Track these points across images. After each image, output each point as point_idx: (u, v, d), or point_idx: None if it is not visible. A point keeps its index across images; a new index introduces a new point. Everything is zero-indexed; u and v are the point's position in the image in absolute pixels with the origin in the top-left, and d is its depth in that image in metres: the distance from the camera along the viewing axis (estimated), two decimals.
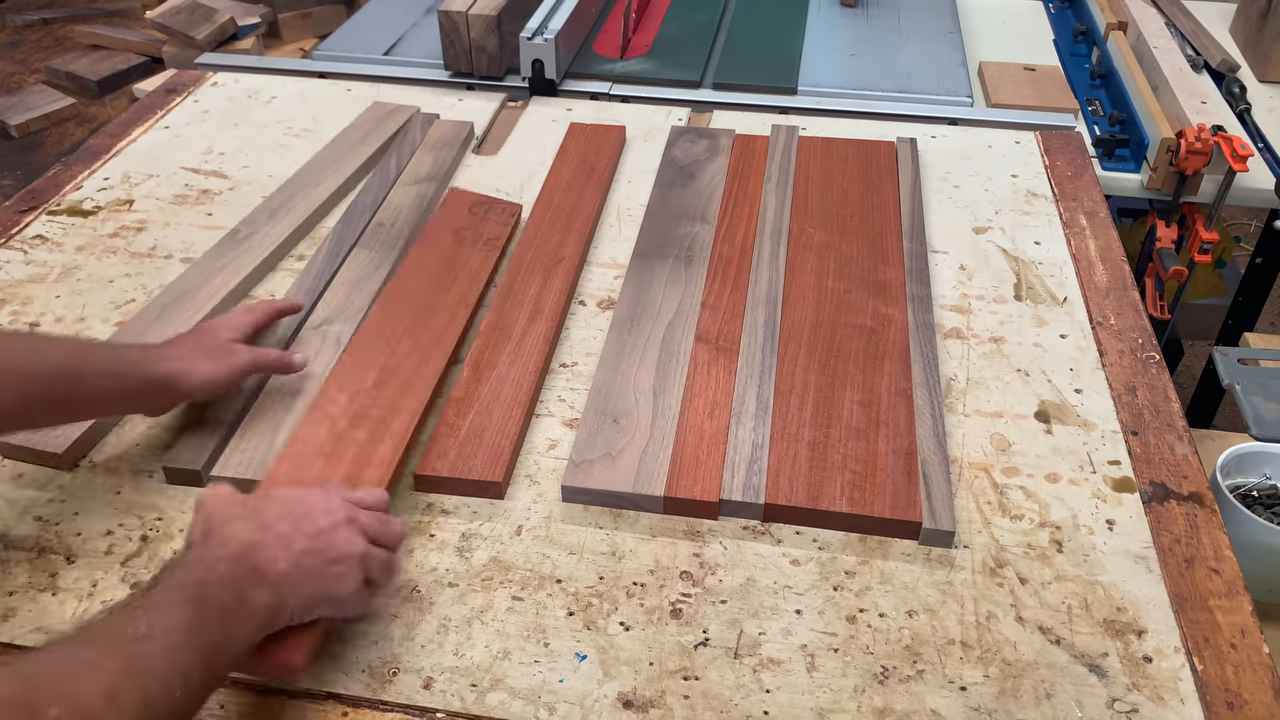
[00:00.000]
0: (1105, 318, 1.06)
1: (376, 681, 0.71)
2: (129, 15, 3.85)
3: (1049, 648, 0.74)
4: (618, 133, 1.36)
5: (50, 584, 0.78)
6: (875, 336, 1.00)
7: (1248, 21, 1.74)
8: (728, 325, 1.02)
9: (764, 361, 0.97)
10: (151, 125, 1.42)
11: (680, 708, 0.70)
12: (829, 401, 0.92)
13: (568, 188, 1.24)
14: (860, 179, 1.26)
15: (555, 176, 1.26)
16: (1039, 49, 1.74)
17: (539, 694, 0.71)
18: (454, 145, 1.32)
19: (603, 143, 1.34)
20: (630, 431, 0.89)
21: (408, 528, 0.82)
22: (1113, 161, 1.46)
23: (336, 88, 1.52)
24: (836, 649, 0.74)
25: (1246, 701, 0.71)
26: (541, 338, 1.00)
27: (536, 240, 1.14)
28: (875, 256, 1.12)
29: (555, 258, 1.11)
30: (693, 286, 1.07)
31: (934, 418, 0.91)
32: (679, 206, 1.21)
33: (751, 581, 0.79)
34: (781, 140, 1.34)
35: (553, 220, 1.17)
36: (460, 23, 1.50)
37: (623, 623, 0.76)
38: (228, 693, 0.71)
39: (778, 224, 1.17)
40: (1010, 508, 0.85)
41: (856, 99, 1.52)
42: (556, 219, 1.18)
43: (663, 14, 1.77)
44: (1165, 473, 0.89)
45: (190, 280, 1.07)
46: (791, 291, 1.07)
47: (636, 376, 0.95)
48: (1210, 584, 0.79)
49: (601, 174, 1.27)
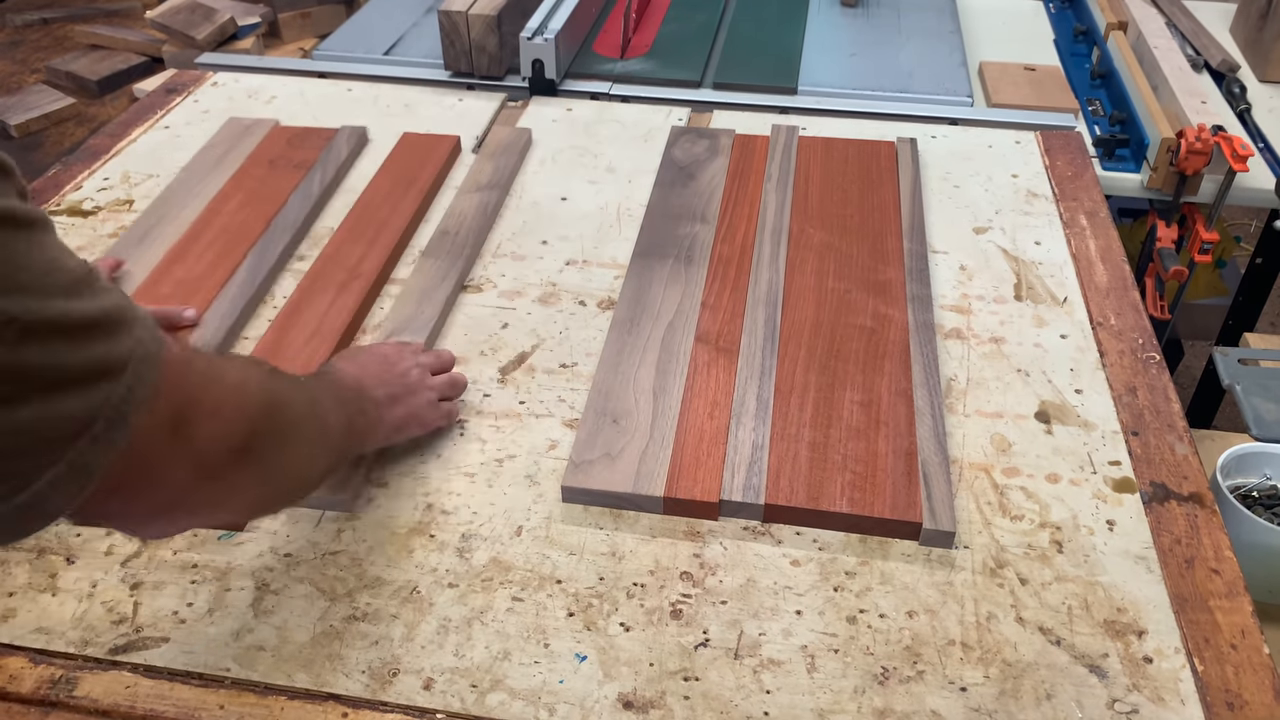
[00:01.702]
0: (1105, 318, 1.06)
1: (376, 682, 0.71)
2: (129, 15, 3.85)
3: (1049, 648, 0.74)
4: (448, 143, 1.32)
5: (50, 584, 0.79)
6: (875, 337, 1.00)
7: (1248, 21, 1.74)
8: (728, 325, 1.02)
9: (764, 362, 0.97)
10: (151, 125, 1.42)
11: (680, 708, 0.70)
12: (829, 402, 0.92)
13: (384, 199, 1.20)
14: (860, 179, 1.26)
15: (374, 187, 1.22)
16: (1039, 49, 1.74)
17: (539, 695, 0.71)
18: (513, 152, 1.31)
19: (430, 152, 1.29)
20: (630, 432, 0.89)
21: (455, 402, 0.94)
22: (1113, 161, 1.46)
23: (336, 88, 1.52)
24: (837, 650, 0.74)
25: (1247, 702, 0.71)
26: (316, 361, 0.95)
27: (338, 255, 1.11)
28: (875, 256, 1.12)
29: (352, 274, 1.07)
30: (693, 286, 1.07)
31: (934, 418, 0.91)
32: (679, 206, 1.21)
33: (752, 582, 0.79)
34: (781, 140, 1.34)
35: (360, 232, 1.14)
36: (460, 23, 1.49)
37: (623, 623, 0.76)
38: (228, 693, 0.71)
39: (778, 224, 1.17)
40: (1010, 508, 0.85)
41: (856, 99, 1.51)
42: (365, 230, 1.14)
43: (663, 14, 1.77)
44: (1165, 473, 0.88)
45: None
46: (791, 292, 1.07)
47: (636, 377, 0.95)
48: (1210, 584, 0.79)
49: (422, 186, 1.23)
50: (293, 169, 1.24)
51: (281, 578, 0.79)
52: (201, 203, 1.19)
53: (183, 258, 1.10)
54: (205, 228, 1.14)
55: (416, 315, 1.03)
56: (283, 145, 1.30)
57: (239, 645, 0.74)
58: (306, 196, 1.20)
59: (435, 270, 1.09)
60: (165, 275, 1.08)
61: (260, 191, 1.21)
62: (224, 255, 1.10)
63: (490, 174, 1.27)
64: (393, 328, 1.01)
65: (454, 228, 1.16)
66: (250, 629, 0.75)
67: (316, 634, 0.75)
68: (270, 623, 0.76)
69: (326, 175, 1.24)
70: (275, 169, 1.24)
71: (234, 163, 1.27)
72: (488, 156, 1.30)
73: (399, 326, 1.01)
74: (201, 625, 0.75)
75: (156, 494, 0.54)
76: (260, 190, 1.21)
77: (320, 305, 1.03)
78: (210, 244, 1.12)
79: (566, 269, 1.13)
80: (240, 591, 0.78)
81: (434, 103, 1.48)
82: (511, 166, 1.29)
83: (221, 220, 1.16)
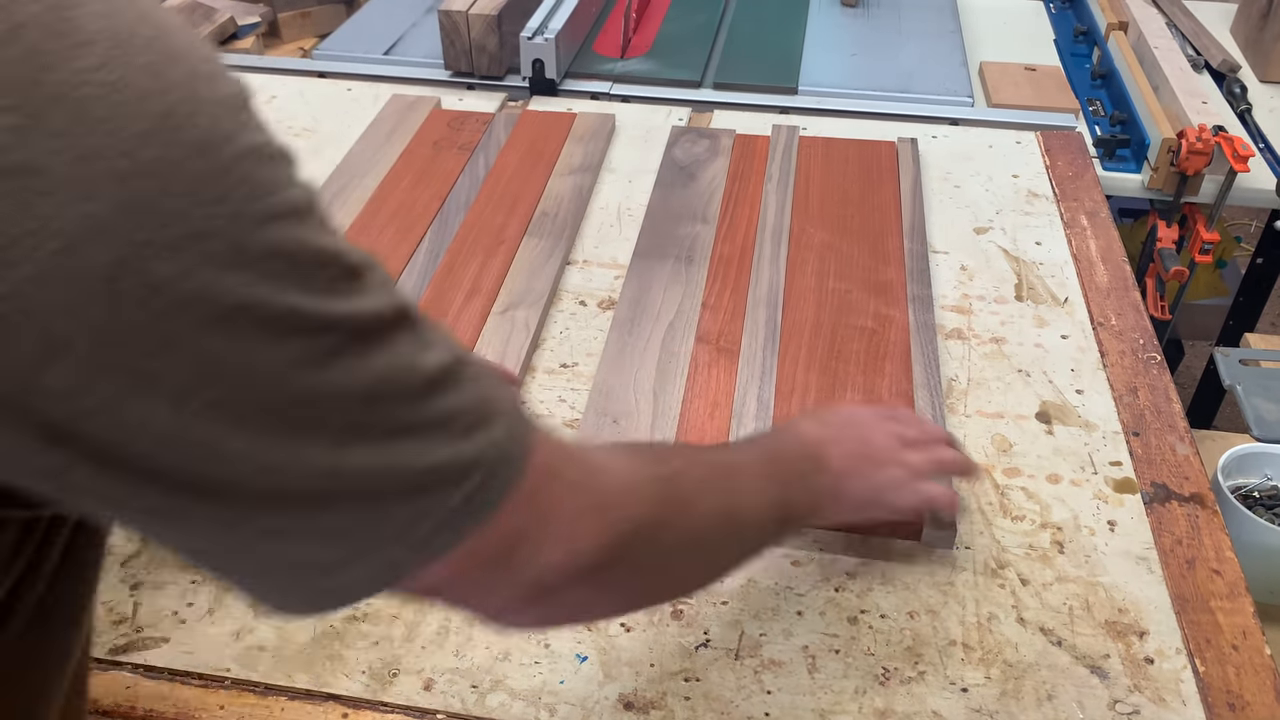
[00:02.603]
0: (1106, 318, 1.06)
1: (377, 682, 0.71)
2: None
3: (1050, 649, 0.74)
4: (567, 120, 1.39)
5: None
6: (876, 337, 1.00)
7: (1248, 22, 1.74)
8: (728, 326, 1.02)
9: (764, 362, 0.97)
10: None
11: (681, 709, 0.70)
12: (830, 403, 0.92)
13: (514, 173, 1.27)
14: (861, 179, 1.26)
15: (503, 161, 1.30)
16: (1039, 49, 1.74)
17: (539, 695, 0.71)
18: (600, 137, 1.36)
19: (551, 129, 1.37)
20: (630, 432, 0.89)
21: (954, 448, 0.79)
22: (1113, 161, 1.45)
23: (336, 87, 1.52)
24: (838, 650, 0.74)
25: (1248, 703, 0.71)
26: (477, 316, 1.02)
27: (479, 221, 1.18)
28: (876, 257, 1.12)
29: (497, 239, 1.14)
30: (693, 287, 1.07)
31: (935, 418, 0.90)
32: (679, 207, 1.21)
33: (752, 582, 0.79)
34: (782, 141, 1.33)
35: (498, 203, 1.21)
36: (460, 22, 1.49)
37: (623, 624, 0.75)
38: (228, 693, 0.71)
39: (778, 224, 1.17)
40: (1011, 508, 0.85)
41: (857, 99, 1.51)
42: (502, 202, 1.21)
43: (663, 14, 1.77)
44: (1166, 473, 0.88)
45: None
46: (792, 292, 1.06)
47: (637, 377, 0.95)
48: (1212, 585, 0.79)
49: (549, 159, 1.30)
50: (457, 150, 1.32)
51: None
52: (375, 179, 1.26)
53: (366, 231, 1.16)
54: (382, 205, 1.21)
55: (528, 291, 1.07)
56: (444, 128, 1.37)
57: (239, 645, 0.74)
58: (474, 179, 1.27)
59: (541, 250, 1.14)
60: None
61: (430, 171, 1.28)
62: (405, 233, 1.16)
63: (583, 158, 1.32)
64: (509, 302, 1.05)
65: (553, 209, 1.21)
66: (250, 629, 0.75)
67: (317, 634, 0.75)
68: (270, 623, 0.75)
69: (490, 158, 1.31)
70: (440, 150, 1.32)
71: (400, 140, 1.34)
72: (576, 140, 1.35)
73: (514, 301, 1.05)
74: (201, 625, 0.75)
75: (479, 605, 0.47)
76: (429, 170, 1.28)
77: (473, 267, 1.10)
78: (390, 220, 1.18)
79: (566, 269, 1.13)
80: None
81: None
82: (600, 151, 1.34)
83: (398, 197, 1.22)
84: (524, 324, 1.02)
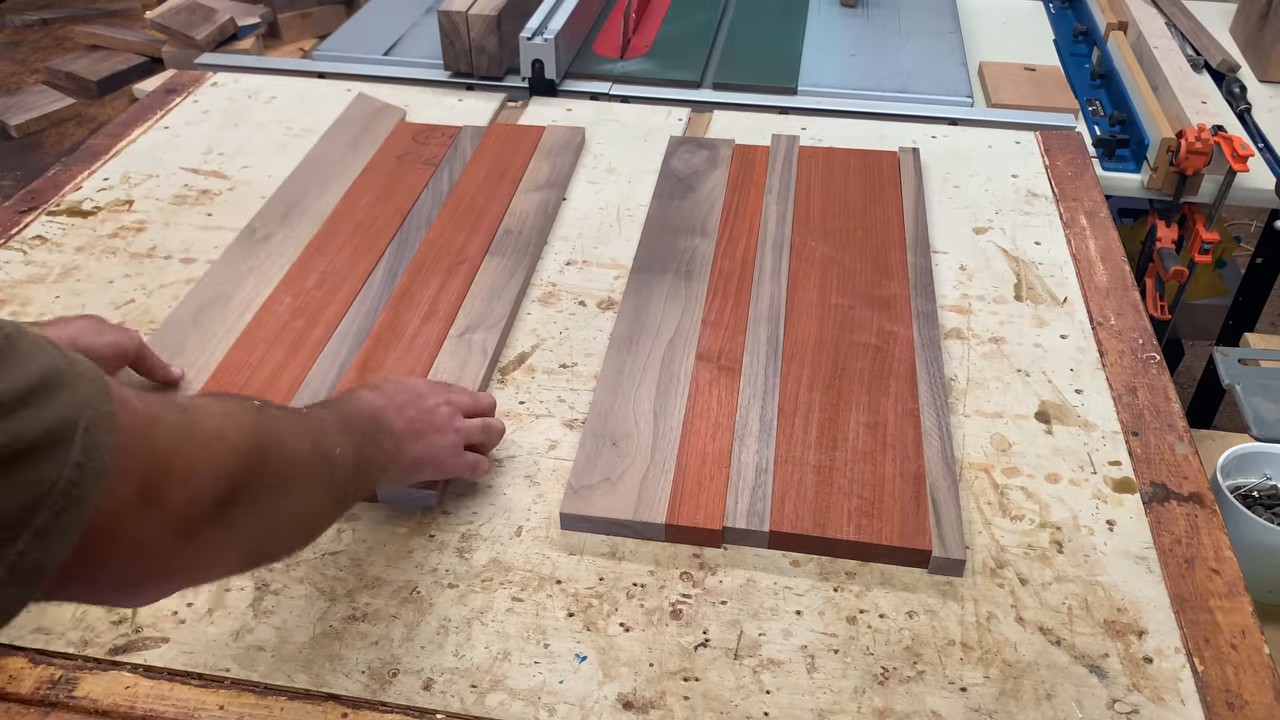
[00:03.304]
0: (1105, 318, 1.06)
1: (376, 682, 0.71)
2: (129, 15, 3.85)
3: (1049, 648, 0.74)
4: (536, 133, 1.36)
5: None
6: (880, 355, 0.98)
7: (1248, 21, 1.74)
8: (729, 343, 0.99)
9: (767, 381, 0.95)
10: (151, 125, 1.42)
11: (680, 709, 0.70)
12: (834, 423, 0.90)
13: (479, 188, 1.24)
14: (862, 190, 1.24)
15: (468, 176, 1.26)
16: (1039, 49, 1.74)
17: (539, 695, 0.71)
18: (569, 151, 1.32)
19: (520, 143, 1.33)
20: (630, 455, 0.87)
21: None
22: (1113, 161, 1.46)
23: (336, 88, 1.52)
24: (837, 650, 0.74)
25: (1247, 702, 0.71)
26: (434, 340, 0.99)
27: (441, 240, 1.14)
28: (879, 271, 1.10)
29: (457, 259, 1.11)
30: (693, 302, 1.05)
31: (942, 439, 0.88)
32: (678, 219, 1.19)
33: (751, 582, 0.79)
34: (782, 150, 1.32)
35: (459, 220, 1.18)
36: (460, 23, 1.50)
37: (623, 624, 0.75)
38: (228, 693, 0.71)
39: (779, 237, 1.15)
40: (1011, 508, 0.85)
41: (857, 99, 1.51)
42: (464, 219, 1.18)
43: (663, 14, 1.77)
44: (1166, 473, 0.88)
45: (218, 284, 1.07)
46: (794, 308, 1.04)
47: (637, 397, 0.93)
48: (1210, 584, 0.79)
49: (514, 176, 1.27)
50: (420, 165, 1.29)
51: (281, 578, 0.79)
52: (336, 195, 1.23)
53: (323, 249, 1.13)
54: (341, 222, 1.18)
55: (487, 314, 1.04)
56: (408, 141, 1.34)
57: (239, 645, 0.74)
58: (437, 195, 1.24)
59: (503, 269, 1.11)
60: (308, 266, 1.10)
61: (392, 188, 1.25)
62: (364, 252, 1.13)
63: (549, 174, 1.28)
64: (467, 324, 1.03)
65: (516, 227, 1.18)
66: (250, 629, 0.75)
67: (316, 634, 0.75)
68: (270, 623, 0.76)
69: (454, 174, 1.28)
70: (404, 165, 1.29)
71: (364, 153, 1.32)
72: (544, 155, 1.32)
73: (472, 323, 1.02)
74: (201, 625, 0.75)
75: (126, 567, 0.49)
76: (391, 186, 1.25)
77: (431, 288, 1.07)
78: (349, 238, 1.15)
79: (566, 269, 1.13)
80: (240, 592, 0.78)
81: (434, 103, 1.48)
82: (569, 166, 1.31)
83: (357, 214, 1.20)
84: (481, 347, 0.99)
